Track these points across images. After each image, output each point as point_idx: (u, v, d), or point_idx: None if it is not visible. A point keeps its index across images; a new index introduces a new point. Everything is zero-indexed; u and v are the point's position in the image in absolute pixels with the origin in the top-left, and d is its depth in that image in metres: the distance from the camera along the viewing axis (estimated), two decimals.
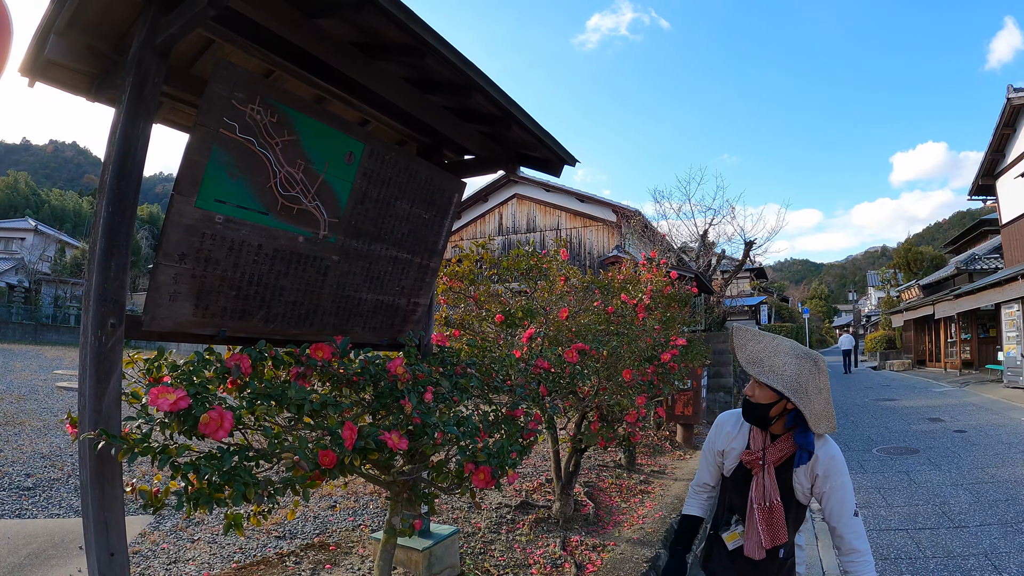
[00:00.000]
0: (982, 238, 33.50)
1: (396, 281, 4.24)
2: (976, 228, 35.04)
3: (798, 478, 2.54)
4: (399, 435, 2.84)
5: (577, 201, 21.96)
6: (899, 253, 45.41)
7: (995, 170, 22.55)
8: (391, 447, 2.78)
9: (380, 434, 2.78)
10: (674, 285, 8.48)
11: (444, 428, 3.08)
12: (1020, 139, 20.33)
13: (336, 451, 2.67)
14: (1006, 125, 20.73)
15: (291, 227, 3.41)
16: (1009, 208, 21.90)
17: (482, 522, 6.09)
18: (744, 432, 2.68)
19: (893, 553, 6.13)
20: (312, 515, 6.25)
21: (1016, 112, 20.09)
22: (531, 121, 4.09)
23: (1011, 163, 21.14)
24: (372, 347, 4.12)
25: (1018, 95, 19.11)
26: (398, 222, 4.10)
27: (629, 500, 7.29)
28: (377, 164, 3.80)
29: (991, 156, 22.24)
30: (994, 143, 21.66)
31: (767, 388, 2.47)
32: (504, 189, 23.13)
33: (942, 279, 30.36)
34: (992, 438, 11.83)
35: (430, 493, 3.38)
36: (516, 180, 22.52)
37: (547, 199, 22.39)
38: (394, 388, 3.18)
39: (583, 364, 5.23)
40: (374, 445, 2.77)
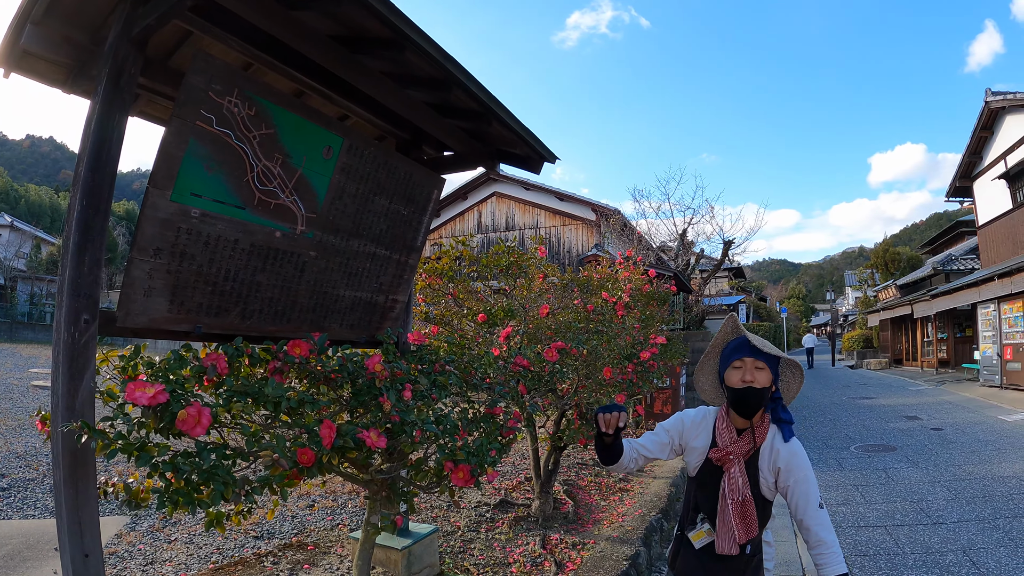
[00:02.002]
0: (958, 239, 33.86)
1: (374, 278, 4.21)
2: (953, 229, 35.40)
3: (763, 472, 2.58)
4: (378, 433, 2.80)
5: (556, 200, 21.99)
6: (876, 253, 45.74)
7: (972, 172, 22.71)
8: (369, 445, 2.75)
9: (359, 432, 2.74)
10: (653, 283, 8.48)
11: (423, 426, 3.04)
12: (997, 142, 20.48)
13: (314, 449, 2.63)
14: (984, 128, 20.87)
15: (268, 222, 3.37)
16: (986, 210, 22.07)
17: (461, 521, 6.05)
18: (707, 430, 2.70)
19: (872, 550, 6.15)
20: (290, 514, 6.20)
21: (994, 115, 20.24)
22: (511, 117, 4.07)
23: (988, 165, 21.30)
24: (350, 344, 4.05)
25: (996, 98, 19.23)
26: (377, 218, 4.06)
27: (608, 498, 7.29)
28: (356, 159, 3.76)
29: (969, 158, 22.39)
30: (972, 145, 21.81)
31: (767, 371, 2.55)
32: (484, 187, 23.12)
33: (919, 279, 30.63)
34: (969, 436, 11.93)
35: (409, 492, 3.34)
36: (496, 178, 22.51)
37: (527, 197, 22.40)
38: (372, 386, 3.13)
39: (563, 362, 5.21)
40: (352, 443, 2.73)
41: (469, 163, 5.02)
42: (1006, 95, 18.85)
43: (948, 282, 25.23)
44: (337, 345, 3.61)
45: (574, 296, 6.85)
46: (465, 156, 4.94)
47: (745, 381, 2.54)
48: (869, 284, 46.11)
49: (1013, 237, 19.79)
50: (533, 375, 4.94)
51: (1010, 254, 19.53)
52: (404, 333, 4.57)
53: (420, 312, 6.14)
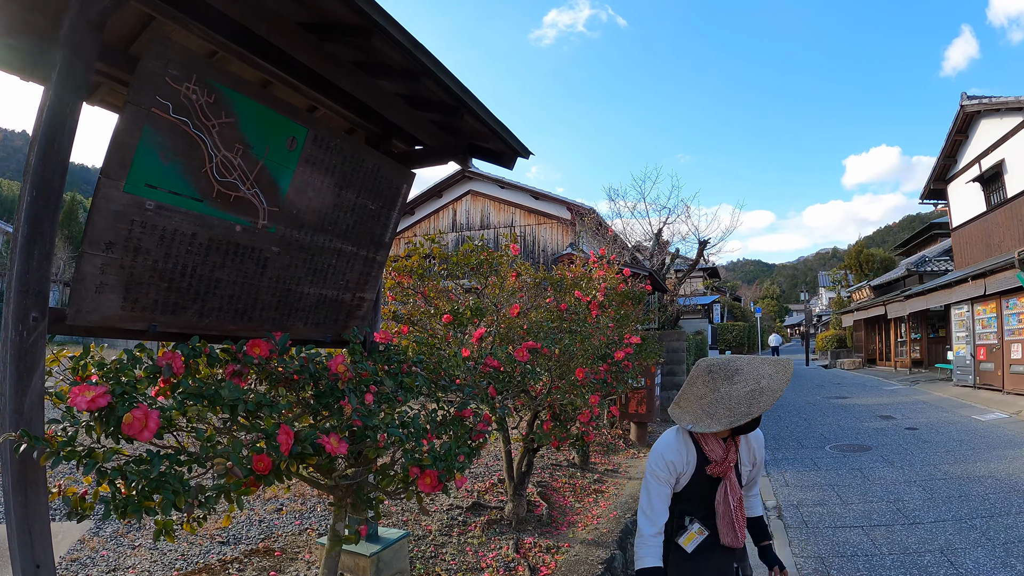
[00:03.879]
0: (932, 241, 34.27)
1: (340, 275, 4.05)
2: (926, 231, 35.81)
3: (744, 466, 2.81)
4: (338, 439, 2.66)
5: (532, 198, 21.81)
6: (850, 255, 46.13)
7: (947, 175, 22.86)
8: (330, 451, 2.61)
9: (319, 437, 2.61)
10: (628, 283, 8.40)
11: (387, 430, 2.90)
12: (972, 145, 20.61)
13: (272, 456, 2.50)
14: (959, 131, 20.99)
15: (228, 215, 3.21)
16: (960, 212, 22.22)
17: (433, 524, 5.91)
18: (691, 452, 2.71)
19: (850, 551, 6.11)
20: (258, 518, 6.03)
21: (969, 119, 20.36)
22: (484, 110, 3.95)
23: (963, 168, 21.45)
24: (315, 344, 3.90)
25: (971, 102, 19.35)
26: (343, 212, 3.91)
27: (583, 500, 7.19)
28: (321, 151, 3.61)
29: (943, 161, 22.53)
30: (946, 149, 21.95)
31: None
32: (458, 185, 22.88)
33: (893, 280, 30.95)
34: (943, 435, 11.98)
35: (375, 498, 3.22)
36: (471, 176, 22.29)
37: (502, 196, 22.21)
38: (335, 388, 3.00)
39: (535, 363, 5.09)
40: (312, 449, 2.59)
41: (441, 157, 4.86)
42: (981, 99, 18.96)
43: (922, 283, 25.48)
44: (301, 345, 3.46)
45: (547, 295, 6.73)
46: (437, 150, 4.79)
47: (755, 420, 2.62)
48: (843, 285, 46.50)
49: (987, 239, 19.94)
50: (504, 376, 4.82)
51: (984, 256, 19.66)
52: (372, 332, 4.41)
53: (389, 311, 5.99)
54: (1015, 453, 10.16)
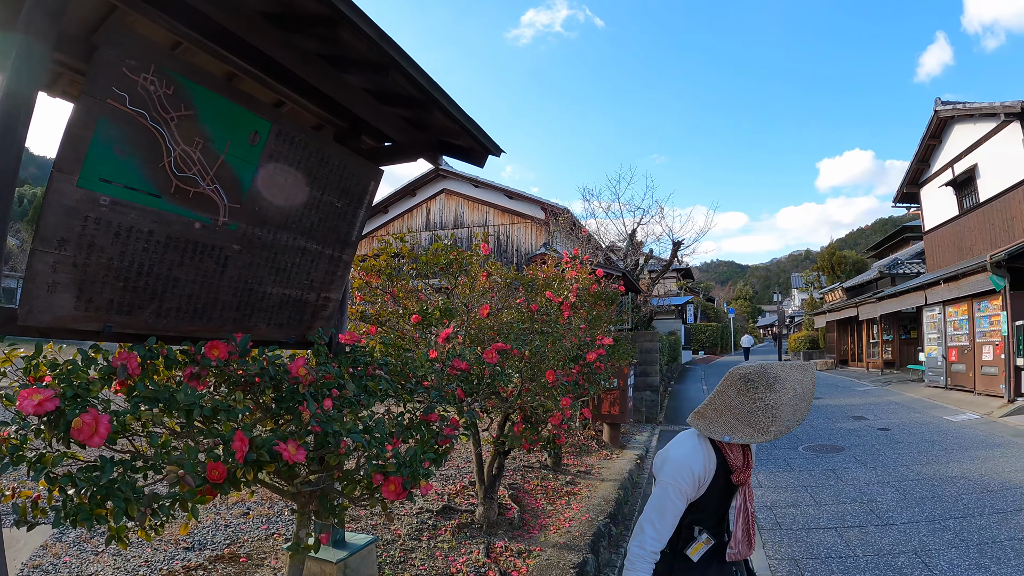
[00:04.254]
0: (904, 244, 34.66)
1: (305, 274, 3.93)
2: (899, 234, 36.23)
3: None
4: (297, 445, 2.55)
5: (506, 198, 21.73)
6: (823, 256, 46.47)
7: (920, 179, 23.08)
8: (287, 459, 2.50)
9: (275, 444, 2.51)
10: (600, 283, 8.34)
11: (348, 436, 2.80)
12: (945, 150, 20.83)
13: (227, 463, 2.40)
14: (932, 136, 21.19)
15: (186, 212, 3.09)
16: (932, 216, 22.48)
17: (403, 529, 5.80)
18: (713, 457, 2.55)
19: (824, 552, 6.10)
20: (224, 523, 5.89)
21: (943, 124, 20.56)
22: (454, 106, 3.86)
23: (935, 173, 21.67)
24: (279, 345, 3.78)
25: (945, 107, 19.54)
26: (307, 210, 3.78)
27: (555, 502, 7.12)
28: (285, 146, 3.49)
29: (917, 165, 22.75)
30: (920, 153, 22.15)
31: None
32: (432, 184, 22.75)
33: (865, 282, 31.24)
34: (916, 436, 12.05)
35: (339, 505, 3.11)
36: (445, 174, 22.18)
37: (476, 195, 22.12)
38: (295, 391, 2.89)
39: (504, 364, 5.00)
40: (268, 457, 2.49)
41: (410, 154, 4.74)
42: (955, 105, 19.13)
43: (894, 285, 25.72)
44: (264, 346, 3.35)
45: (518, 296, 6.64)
46: (406, 147, 4.66)
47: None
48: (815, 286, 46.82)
49: (959, 243, 20.17)
50: (472, 378, 4.73)
51: (955, 259, 19.90)
52: (337, 333, 4.28)
53: (356, 311, 5.86)
54: (987, 454, 10.22)
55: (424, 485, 2.94)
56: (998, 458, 9.88)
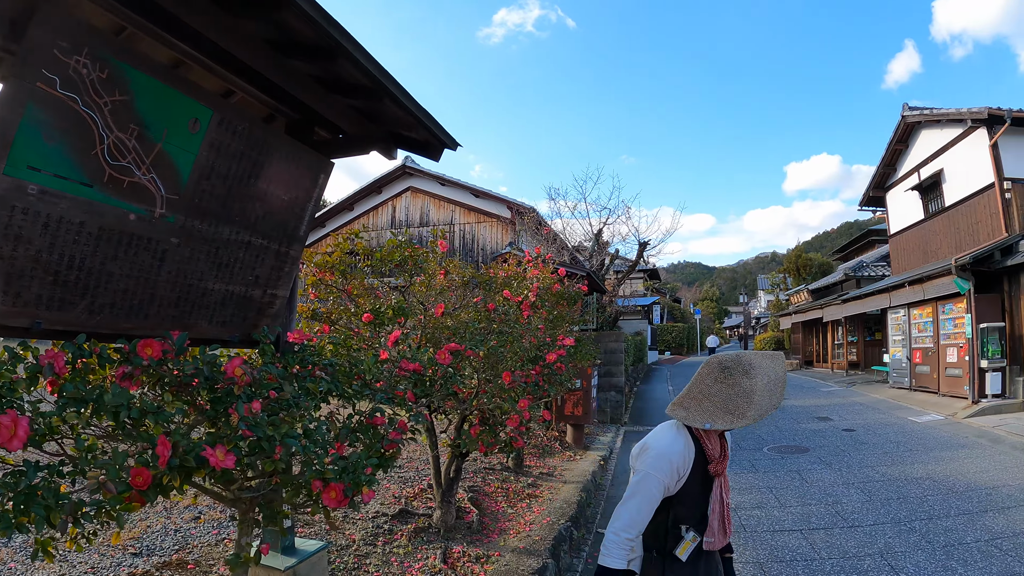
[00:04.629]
0: (869, 247, 35.08)
1: (249, 270, 3.74)
2: (864, 237, 36.57)
3: None
4: (225, 451, 2.39)
5: (472, 196, 21.62)
6: (789, 259, 46.80)
7: (886, 183, 23.28)
8: (214, 465, 2.34)
9: (203, 449, 2.34)
10: (563, 283, 8.21)
11: (283, 441, 2.63)
12: (912, 155, 21.02)
13: (152, 469, 2.23)
14: (899, 141, 21.39)
15: (121, 203, 2.91)
16: (897, 219, 22.68)
17: (357, 533, 5.61)
18: (692, 448, 2.62)
19: (788, 555, 6.03)
20: (174, 528, 5.67)
21: (910, 129, 20.75)
22: (406, 96, 3.70)
23: (901, 177, 21.85)
24: (222, 344, 3.61)
25: (913, 113, 19.70)
26: (251, 203, 3.60)
27: (516, 505, 6.99)
28: (227, 135, 3.31)
29: (883, 169, 22.93)
30: (887, 157, 22.32)
31: None
32: (398, 181, 22.58)
33: (831, 284, 31.50)
34: (880, 437, 12.10)
35: (281, 512, 2.94)
36: (411, 172, 22.05)
37: (442, 193, 21.98)
38: (231, 393, 2.72)
39: (459, 365, 4.84)
40: (194, 462, 2.33)
41: (362, 147, 4.54)
42: (923, 110, 19.32)
43: (859, 287, 25.97)
44: (206, 345, 3.17)
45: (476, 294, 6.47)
46: (358, 139, 4.48)
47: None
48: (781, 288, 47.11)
49: (924, 246, 20.37)
50: (425, 379, 4.57)
51: (920, 262, 20.11)
52: (285, 332, 4.11)
53: (307, 310, 5.66)
54: (952, 455, 10.29)
55: (366, 492, 2.77)
56: (963, 459, 9.95)
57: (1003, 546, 6.05)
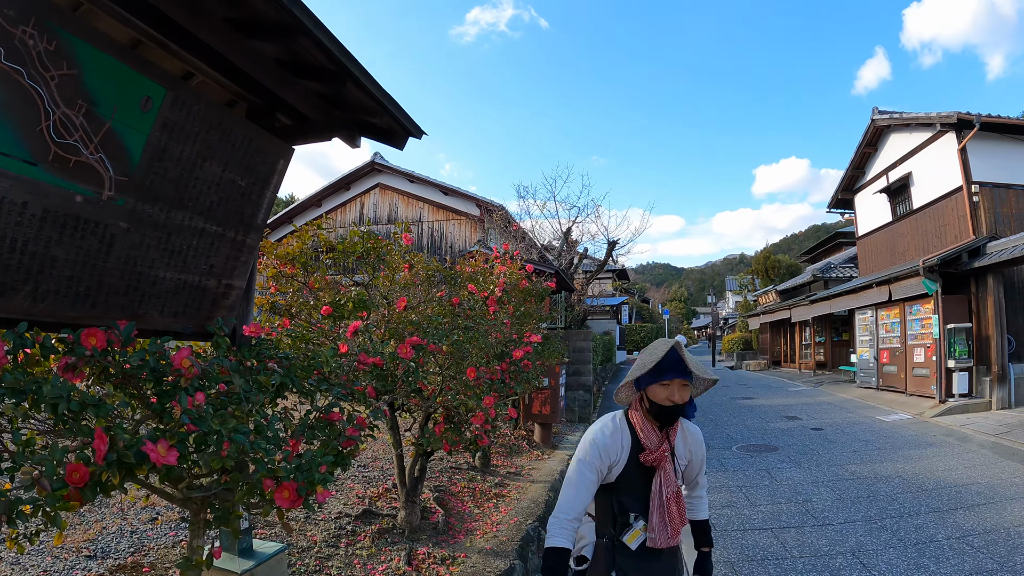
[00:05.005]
0: (837, 249, 35.61)
1: (203, 258, 3.56)
2: (832, 240, 37.10)
3: (680, 458, 2.80)
4: (167, 446, 2.23)
5: (441, 194, 21.44)
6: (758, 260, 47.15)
7: (855, 186, 23.48)
8: (154, 461, 2.18)
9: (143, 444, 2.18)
10: (531, 279, 8.09)
11: (231, 437, 2.47)
12: (881, 158, 21.22)
13: (90, 466, 2.08)
14: (868, 144, 21.57)
15: (66, 183, 2.74)
16: (865, 222, 22.92)
17: (318, 534, 5.43)
18: (625, 438, 2.73)
19: (759, 554, 6.00)
20: (130, 529, 5.46)
21: (879, 132, 20.94)
22: (369, 80, 3.56)
23: (870, 180, 22.05)
24: (174, 336, 3.44)
25: (882, 116, 19.88)
26: (206, 187, 3.42)
27: (483, 505, 6.86)
28: (181, 115, 3.14)
29: (852, 172, 23.14)
30: (856, 160, 22.53)
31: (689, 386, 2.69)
32: (367, 178, 22.37)
33: (799, 285, 31.83)
34: (848, 435, 12.19)
35: (234, 513, 2.78)
36: (380, 168, 21.87)
37: (411, 190, 21.79)
38: (177, 386, 2.55)
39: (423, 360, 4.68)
40: (134, 458, 2.17)
41: (325, 133, 4.35)
42: (892, 114, 19.47)
43: (827, 288, 26.28)
44: (157, 336, 3.01)
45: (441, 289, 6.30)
46: (321, 125, 4.29)
47: (672, 400, 2.64)
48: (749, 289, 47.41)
49: (892, 248, 20.61)
50: (386, 374, 4.41)
51: (888, 264, 20.32)
52: (241, 324, 3.92)
53: (266, 302, 5.46)
54: (920, 453, 10.40)
55: (322, 492, 2.61)
56: (931, 457, 10.05)
57: (974, 543, 6.07)
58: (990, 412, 13.93)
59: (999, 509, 7.17)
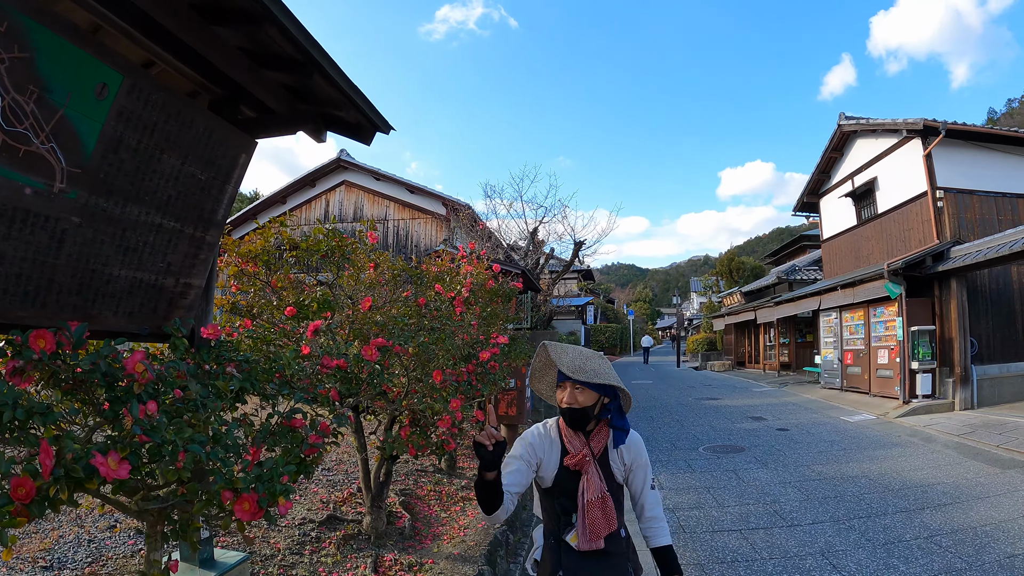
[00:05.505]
0: (801, 252, 36.03)
1: (160, 255, 3.39)
2: (796, 243, 37.54)
3: (615, 464, 2.76)
4: (119, 459, 2.08)
5: (407, 192, 21.29)
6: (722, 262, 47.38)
7: (820, 189, 23.70)
8: (104, 475, 2.03)
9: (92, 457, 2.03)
10: (497, 279, 7.96)
11: (187, 447, 2.32)
12: (846, 163, 21.44)
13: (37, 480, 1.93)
14: (834, 149, 21.78)
15: (15, 174, 2.57)
16: (830, 225, 23.14)
17: (282, 541, 5.25)
18: (555, 440, 2.81)
19: (729, 556, 5.95)
20: (87, 538, 5.24)
21: (845, 137, 21.14)
22: (337, 71, 3.43)
23: (836, 184, 22.27)
24: (129, 337, 3.27)
25: (849, 122, 20.07)
26: (164, 181, 3.26)
27: (450, 509, 6.72)
28: (139, 104, 2.98)
29: (818, 176, 23.33)
30: (821, 165, 22.71)
31: (588, 391, 2.65)
32: (333, 175, 22.16)
33: (764, 287, 32.11)
34: (814, 436, 12.24)
35: (192, 525, 2.63)
36: (346, 166, 21.67)
37: (377, 188, 21.64)
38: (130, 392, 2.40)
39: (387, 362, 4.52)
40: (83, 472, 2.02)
41: (290, 127, 4.18)
42: (859, 120, 19.66)
43: (792, 290, 26.58)
44: (112, 338, 2.84)
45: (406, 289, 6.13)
46: (286, 118, 4.15)
47: (566, 402, 2.67)
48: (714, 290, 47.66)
49: (856, 251, 20.87)
50: (351, 377, 4.26)
51: (852, 267, 20.59)
52: (200, 325, 3.73)
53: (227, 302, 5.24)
54: (885, 453, 10.48)
55: (283, 503, 2.46)
56: (897, 457, 10.13)
57: (942, 543, 6.10)
58: (953, 413, 14.14)
59: (965, 509, 7.21)
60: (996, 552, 5.85)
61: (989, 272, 15.57)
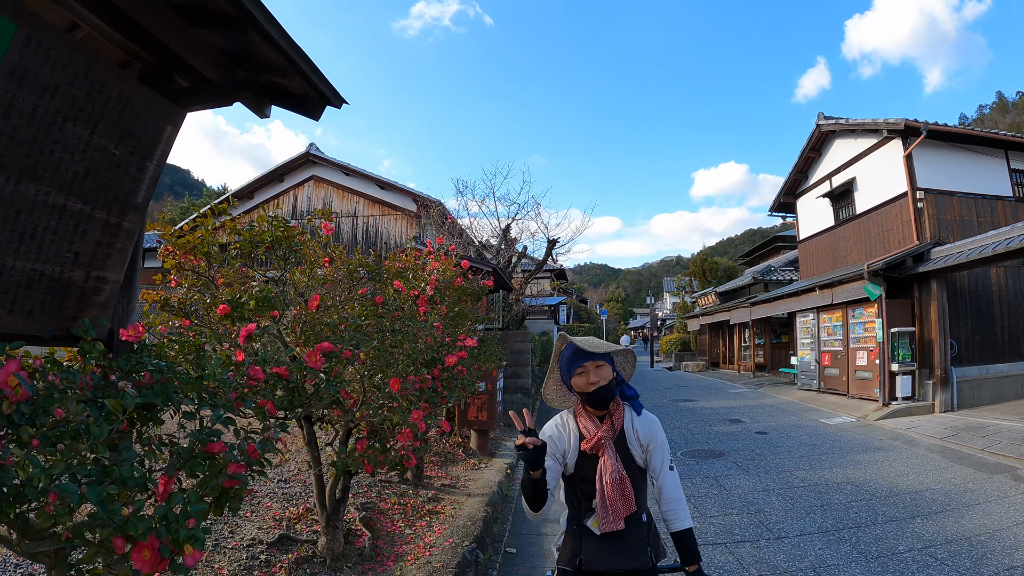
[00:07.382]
0: (775, 252, 36.19)
1: (65, 243, 2.87)
2: (771, 243, 37.67)
3: (633, 448, 2.78)
4: None
5: (377, 188, 20.90)
6: (695, 262, 47.43)
7: (797, 190, 23.67)
8: None
9: None
10: (467, 277, 7.47)
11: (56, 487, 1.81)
12: (824, 163, 21.41)
13: None
14: (812, 149, 21.72)
15: None
16: (807, 225, 23.11)
17: (227, 566, 4.70)
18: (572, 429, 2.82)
19: (715, 572, 5.59)
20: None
21: (824, 137, 21.10)
22: (276, 27, 2.96)
23: (813, 184, 22.23)
24: (30, 340, 2.72)
25: (828, 122, 20.03)
26: (68, 154, 2.75)
27: (415, 524, 6.22)
28: (36, 61, 2.49)
29: (795, 177, 23.29)
30: (799, 165, 22.66)
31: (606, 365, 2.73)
32: (302, 170, 21.69)
33: (739, 287, 32.21)
34: (794, 440, 12.04)
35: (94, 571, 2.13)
36: (315, 160, 21.19)
37: (346, 184, 21.23)
38: None
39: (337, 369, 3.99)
40: None
41: (227, 96, 3.64)
42: (838, 120, 19.61)
43: (767, 291, 26.59)
44: (7, 341, 2.31)
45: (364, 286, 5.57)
46: (223, 86, 3.61)
47: (591, 383, 2.70)
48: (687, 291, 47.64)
49: (833, 252, 20.85)
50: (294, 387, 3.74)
51: (830, 268, 20.60)
52: (119, 326, 3.21)
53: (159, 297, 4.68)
54: (869, 458, 10.27)
55: (191, 553, 1.96)
56: (880, 462, 9.92)
57: (938, 555, 5.81)
58: (933, 415, 14.07)
59: (957, 517, 6.95)
60: (994, 564, 5.56)
61: (969, 274, 15.52)
